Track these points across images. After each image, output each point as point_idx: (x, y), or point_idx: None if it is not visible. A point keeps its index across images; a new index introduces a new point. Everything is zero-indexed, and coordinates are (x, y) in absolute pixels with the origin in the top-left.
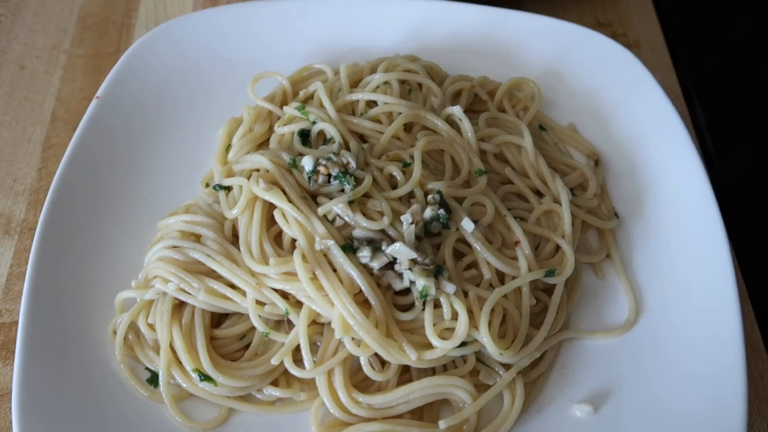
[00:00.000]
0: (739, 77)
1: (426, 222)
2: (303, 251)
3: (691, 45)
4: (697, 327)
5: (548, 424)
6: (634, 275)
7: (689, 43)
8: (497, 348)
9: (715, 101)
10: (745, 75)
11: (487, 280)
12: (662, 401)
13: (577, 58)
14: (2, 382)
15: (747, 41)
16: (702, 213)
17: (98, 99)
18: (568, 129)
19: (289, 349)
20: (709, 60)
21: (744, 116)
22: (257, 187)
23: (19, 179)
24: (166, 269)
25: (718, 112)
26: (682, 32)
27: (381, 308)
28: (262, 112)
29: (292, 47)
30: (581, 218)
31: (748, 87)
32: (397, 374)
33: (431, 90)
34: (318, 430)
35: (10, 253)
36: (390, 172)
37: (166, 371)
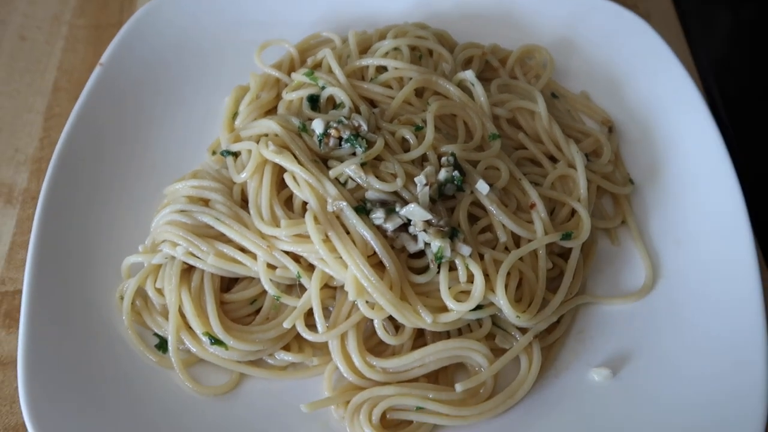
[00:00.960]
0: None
1: (440, 184)
2: (315, 213)
3: (702, 17)
4: (716, 291)
5: (566, 388)
6: (651, 241)
7: (700, 14)
8: (514, 311)
9: (727, 70)
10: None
11: (502, 243)
12: (681, 365)
13: (590, 26)
14: (6, 350)
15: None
16: (718, 178)
17: (101, 66)
18: (580, 97)
19: (301, 313)
20: (720, 31)
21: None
22: (267, 150)
23: (21, 149)
24: (174, 233)
25: (731, 81)
26: (693, 4)
27: (395, 270)
28: (269, 80)
29: (298, 16)
30: (596, 183)
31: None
32: (411, 338)
33: (442, 56)
34: (331, 394)
35: (12, 222)
36: (402, 135)
37: (175, 336)
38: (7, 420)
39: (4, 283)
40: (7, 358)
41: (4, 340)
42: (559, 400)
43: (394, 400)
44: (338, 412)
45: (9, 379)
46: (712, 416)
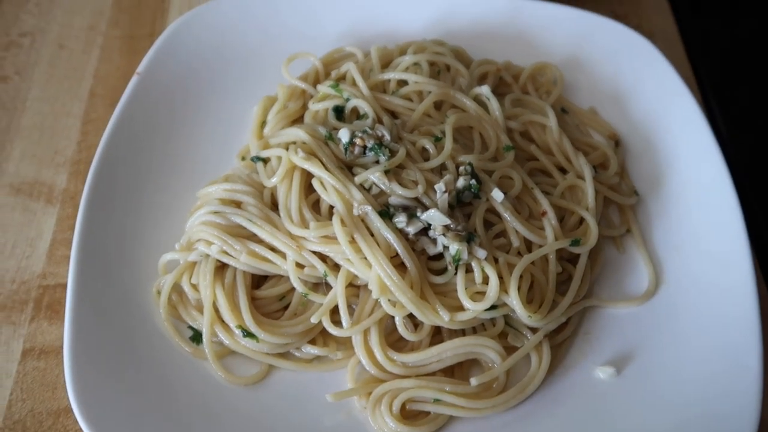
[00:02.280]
0: (750, 66)
1: (458, 191)
2: (341, 216)
3: (704, 36)
4: (714, 296)
5: (573, 384)
6: (654, 248)
7: (702, 34)
8: (526, 311)
9: (727, 88)
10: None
11: (515, 248)
12: (681, 365)
13: (597, 45)
14: (49, 340)
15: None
16: (717, 189)
17: (138, 75)
18: (588, 112)
19: (327, 309)
20: (720, 50)
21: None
22: (296, 156)
23: (60, 151)
24: (209, 232)
25: (730, 98)
26: (694, 24)
27: (416, 271)
28: (295, 91)
29: (322, 31)
30: (603, 194)
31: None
32: (429, 335)
33: (459, 71)
34: (354, 386)
35: (53, 220)
36: (422, 145)
37: (209, 329)
38: (50, 405)
39: (46, 277)
40: (49, 347)
41: (46, 331)
42: (567, 396)
43: (413, 392)
44: (361, 402)
45: (50, 366)
46: (709, 412)
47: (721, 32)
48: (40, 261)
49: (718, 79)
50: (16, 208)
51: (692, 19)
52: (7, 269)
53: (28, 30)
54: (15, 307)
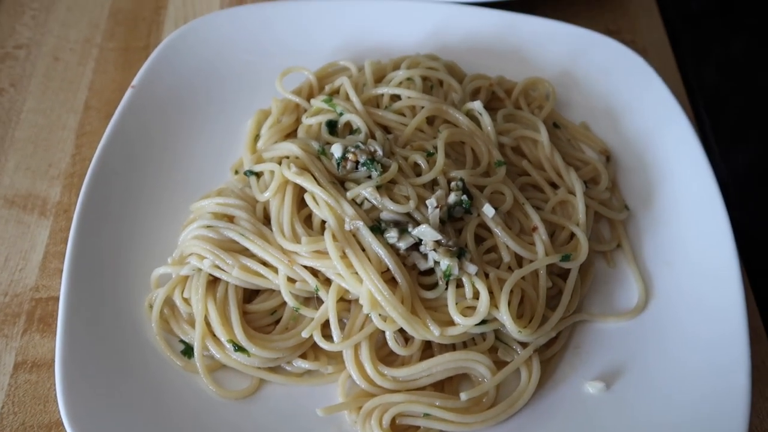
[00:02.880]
0: (740, 81)
1: (450, 207)
2: (333, 231)
3: (695, 51)
4: (704, 312)
5: (563, 399)
6: (644, 264)
7: (693, 49)
8: (516, 326)
9: (717, 103)
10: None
11: (506, 263)
12: (670, 380)
13: (590, 61)
14: (41, 353)
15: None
16: (707, 205)
17: (133, 88)
18: (580, 127)
19: (318, 324)
20: (712, 65)
21: (745, 117)
22: (289, 171)
23: (54, 164)
24: (201, 247)
25: (721, 113)
26: (686, 39)
27: (407, 286)
28: (289, 105)
29: (315, 46)
30: (594, 209)
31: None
32: (420, 349)
33: (452, 86)
34: (345, 400)
35: (46, 233)
36: (414, 160)
37: (201, 343)
38: (41, 418)
39: (38, 290)
40: (40, 360)
41: (38, 344)
42: (556, 411)
43: (403, 407)
44: (351, 416)
45: (42, 380)
46: (698, 424)
47: (714, 47)
48: (32, 274)
49: (709, 93)
50: (10, 220)
51: (685, 34)
52: (0, 282)
53: (23, 42)
54: (7, 320)
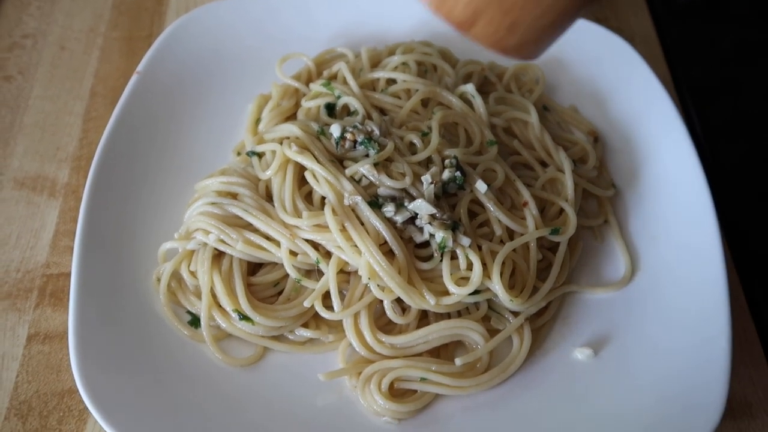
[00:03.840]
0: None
1: (444, 182)
2: (333, 206)
3: (681, 39)
4: (687, 283)
5: (553, 364)
6: (630, 238)
7: (679, 37)
8: (508, 296)
9: (702, 88)
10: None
11: (498, 237)
12: (655, 346)
13: (578, 46)
14: (53, 325)
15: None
16: (689, 182)
17: (138, 74)
18: (569, 110)
19: (319, 294)
20: (698, 52)
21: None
22: (290, 150)
23: (62, 147)
24: (207, 222)
25: (706, 98)
26: (673, 27)
27: (404, 257)
28: (289, 89)
29: (313, 33)
30: (582, 186)
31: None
32: (416, 318)
33: (445, 71)
34: (344, 365)
35: (55, 212)
36: (410, 139)
37: (207, 313)
38: (54, 386)
39: (49, 266)
40: (53, 332)
41: (50, 317)
42: (546, 376)
43: (401, 372)
44: (351, 381)
45: (54, 350)
46: (680, 389)
47: (699, 35)
48: (43, 251)
49: (694, 80)
50: (21, 201)
51: (671, 22)
52: (12, 259)
53: (30, 32)
54: (20, 295)
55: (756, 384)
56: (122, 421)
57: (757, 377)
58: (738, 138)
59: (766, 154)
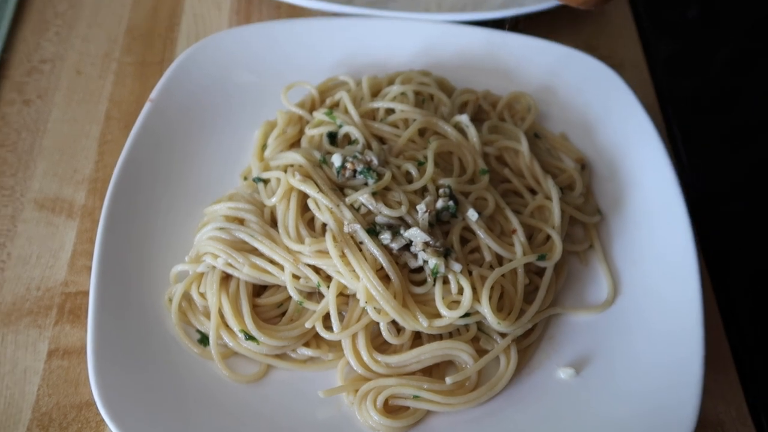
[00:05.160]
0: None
1: (438, 211)
2: (333, 233)
3: (669, 67)
4: (665, 306)
5: (537, 383)
6: (613, 263)
7: (667, 65)
8: (496, 318)
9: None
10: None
11: (488, 262)
12: (633, 366)
13: (569, 76)
14: (71, 341)
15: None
16: (671, 211)
17: (151, 102)
18: (559, 137)
19: (320, 316)
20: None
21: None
22: (294, 179)
23: (79, 170)
24: (215, 246)
25: (691, 124)
26: (661, 55)
27: (399, 282)
28: (293, 117)
29: (318, 61)
30: (569, 213)
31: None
32: (410, 339)
33: (441, 100)
34: (343, 383)
35: (73, 233)
36: (407, 169)
37: (215, 332)
38: (73, 399)
39: (68, 285)
40: (71, 348)
41: (68, 333)
42: (532, 393)
43: (395, 389)
44: (349, 398)
45: (73, 365)
46: (656, 404)
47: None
48: (62, 270)
49: (681, 107)
50: (40, 222)
51: (659, 51)
52: (33, 277)
53: (48, 57)
54: (40, 312)
55: (729, 403)
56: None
57: (731, 396)
58: (721, 162)
59: (747, 180)
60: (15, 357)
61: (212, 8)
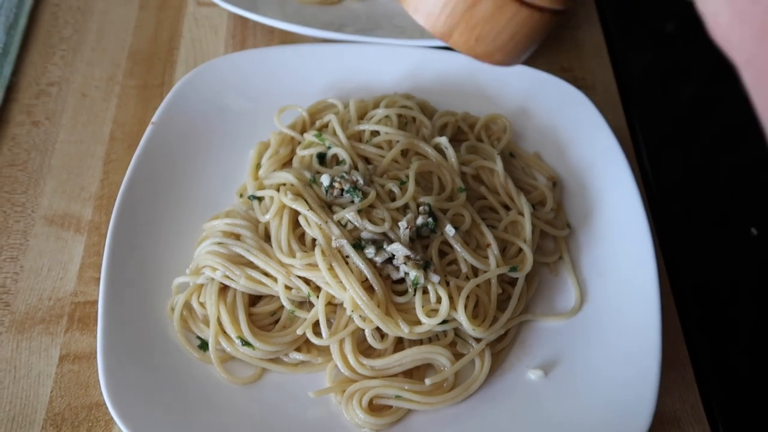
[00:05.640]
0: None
1: (418, 227)
2: (322, 248)
3: (639, 88)
4: (627, 314)
5: (509, 384)
6: (581, 274)
7: (638, 86)
8: (471, 325)
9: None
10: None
11: (464, 274)
12: (596, 368)
13: (542, 98)
14: (81, 347)
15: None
16: (634, 226)
17: (153, 124)
18: (533, 156)
19: (310, 323)
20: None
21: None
22: (285, 197)
23: (86, 188)
24: (213, 260)
25: (658, 143)
26: (631, 77)
27: (382, 292)
28: (285, 138)
29: (308, 85)
30: (540, 227)
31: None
32: (393, 344)
33: (423, 123)
34: (331, 385)
35: (81, 247)
36: (390, 188)
37: (214, 339)
38: (84, 400)
39: (77, 295)
40: (81, 354)
41: (78, 340)
42: (504, 392)
43: (379, 390)
44: (337, 398)
45: (83, 369)
46: (617, 401)
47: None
48: (71, 282)
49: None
50: (50, 237)
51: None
52: (45, 288)
53: (55, 80)
54: (52, 320)
55: (685, 402)
56: (142, 427)
57: (687, 396)
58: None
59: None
60: (29, 362)
61: (209, 33)
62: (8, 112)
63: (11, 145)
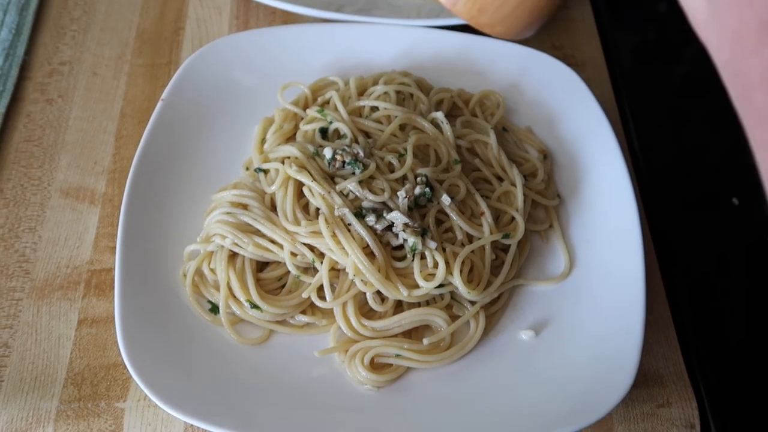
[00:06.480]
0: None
1: (416, 197)
2: (325, 216)
3: (627, 64)
4: (612, 277)
5: (502, 343)
6: (570, 241)
7: (626, 62)
8: (466, 288)
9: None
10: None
11: (459, 240)
12: (585, 328)
13: (534, 75)
14: (98, 312)
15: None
16: (621, 196)
17: (162, 101)
18: (525, 131)
19: (314, 287)
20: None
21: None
22: (290, 169)
23: (99, 162)
24: (223, 228)
25: (645, 117)
26: (620, 53)
27: (382, 258)
28: (289, 114)
29: (310, 63)
30: (531, 197)
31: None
32: (393, 306)
33: (420, 99)
34: (335, 345)
35: (96, 218)
36: (389, 160)
37: (224, 302)
38: (102, 361)
39: (93, 263)
40: (98, 318)
41: (95, 305)
42: (497, 351)
43: (380, 349)
44: (340, 357)
45: (101, 332)
46: (604, 358)
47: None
48: (87, 251)
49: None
50: (66, 208)
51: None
52: (62, 257)
53: (66, 59)
54: (70, 287)
55: (668, 360)
56: (158, 385)
57: (669, 354)
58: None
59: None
60: (50, 326)
61: (213, 13)
62: (23, 90)
63: (26, 121)
